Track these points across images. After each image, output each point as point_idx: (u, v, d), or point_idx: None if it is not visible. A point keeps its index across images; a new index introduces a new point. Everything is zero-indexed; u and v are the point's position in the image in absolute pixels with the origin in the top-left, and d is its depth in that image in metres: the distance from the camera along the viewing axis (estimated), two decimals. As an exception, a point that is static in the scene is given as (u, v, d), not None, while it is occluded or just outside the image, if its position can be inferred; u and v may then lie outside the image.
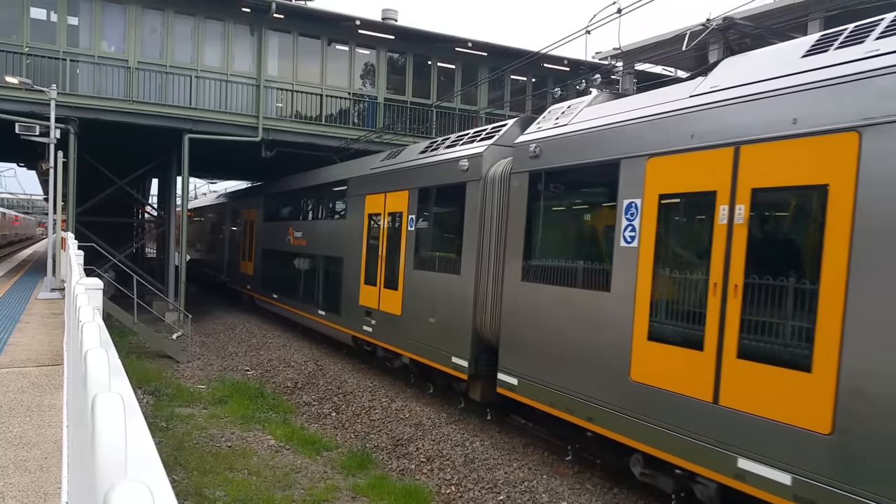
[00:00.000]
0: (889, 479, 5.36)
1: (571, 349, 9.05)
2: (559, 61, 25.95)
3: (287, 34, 23.11)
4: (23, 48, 19.69)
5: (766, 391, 6.42)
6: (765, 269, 6.57)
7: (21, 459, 5.33)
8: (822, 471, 5.87)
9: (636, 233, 8.05)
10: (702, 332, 7.05)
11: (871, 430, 5.49)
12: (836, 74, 6.13)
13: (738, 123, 6.90)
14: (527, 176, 10.24)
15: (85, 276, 8.30)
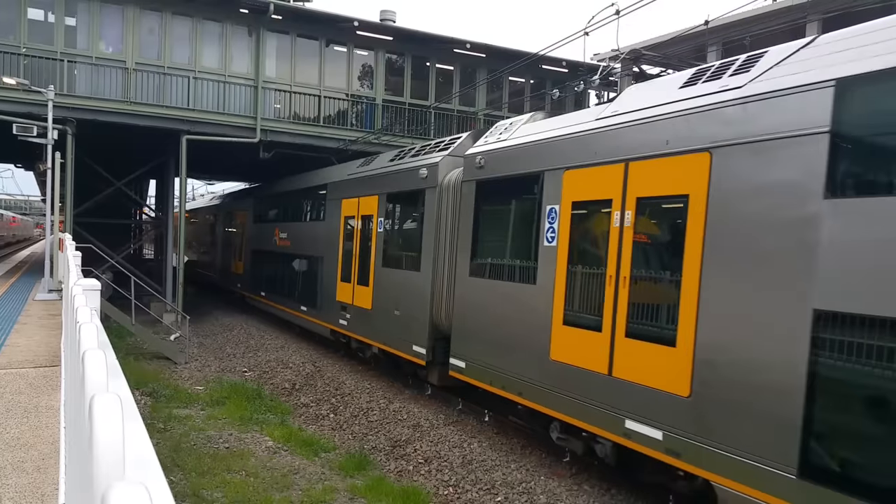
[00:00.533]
0: (729, 430, 6.74)
1: (506, 335, 10.45)
2: (557, 63, 25.97)
3: (285, 35, 23.10)
4: (20, 49, 19.66)
5: (645, 363, 7.81)
6: (645, 264, 8.06)
7: (18, 461, 5.32)
8: (684, 427, 7.24)
9: (555, 234, 9.52)
10: (601, 317, 8.51)
11: (716, 392, 6.93)
12: (697, 105, 7.52)
13: (628, 143, 8.32)
14: (474, 184, 11.70)
15: (83, 278, 8.30)
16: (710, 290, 7.02)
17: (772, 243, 6.50)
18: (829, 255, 5.97)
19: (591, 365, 8.60)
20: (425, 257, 13.23)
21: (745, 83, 7.13)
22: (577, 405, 8.82)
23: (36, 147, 18.70)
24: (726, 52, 20.12)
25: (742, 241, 6.80)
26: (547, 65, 25.75)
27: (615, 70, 23.38)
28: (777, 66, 6.95)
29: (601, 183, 8.71)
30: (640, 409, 7.79)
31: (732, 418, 6.72)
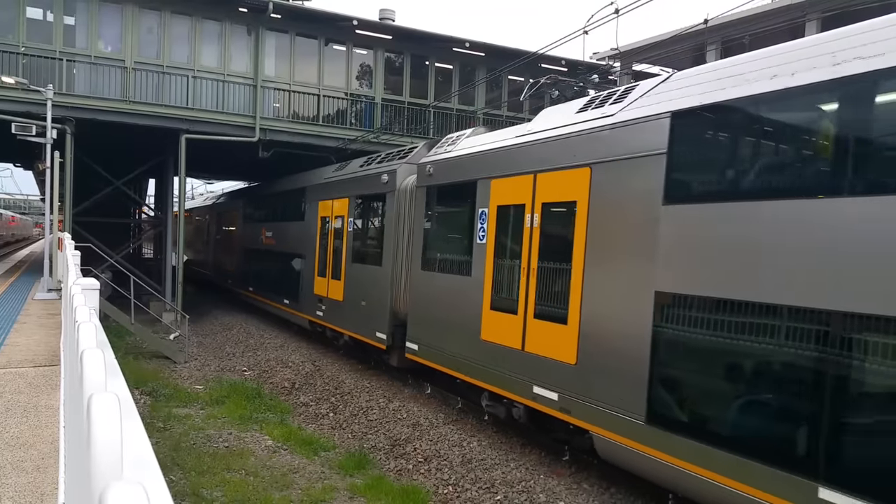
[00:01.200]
0: (601, 389, 8.43)
1: (449, 320, 12.08)
2: (557, 62, 25.94)
3: (284, 34, 23.09)
4: (19, 48, 19.66)
5: (546, 339, 9.50)
6: (547, 258, 9.70)
7: (18, 460, 5.32)
8: (572, 388, 8.95)
9: (485, 233, 11.21)
10: (517, 302, 10.17)
11: (593, 359, 8.65)
12: (582, 128, 9.19)
13: (536, 158, 10.03)
14: (425, 189, 13.35)
15: (82, 277, 8.29)
16: (590, 277, 8.77)
17: (629, 240, 8.19)
18: (665, 248, 7.63)
19: (510, 342, 10.31)
20: (386, 253, 14.94)
21: (617, 112, 8.75)
22: (500, 376, 10.54)
23: (35, 146, 18.68)
24: (725, 50, 20.11)
25: (611, 238, 8.54)
26: (546, 64, 25.73)
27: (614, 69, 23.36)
28: (640, 98, 8.54)
29: (518, 190, 10.42)
30: (543, 376, 9.53)
31: (604, 379, 8.44)
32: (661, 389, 7.60)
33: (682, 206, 7.56)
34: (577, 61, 25.25)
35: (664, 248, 7.61)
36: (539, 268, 9.76)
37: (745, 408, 6.87)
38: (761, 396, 6.78)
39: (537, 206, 9.89)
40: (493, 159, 11.23)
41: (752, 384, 6.88)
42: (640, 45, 24.10)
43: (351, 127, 23.92)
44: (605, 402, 8.32)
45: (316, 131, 23.24)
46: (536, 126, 10.47)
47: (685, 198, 7.62)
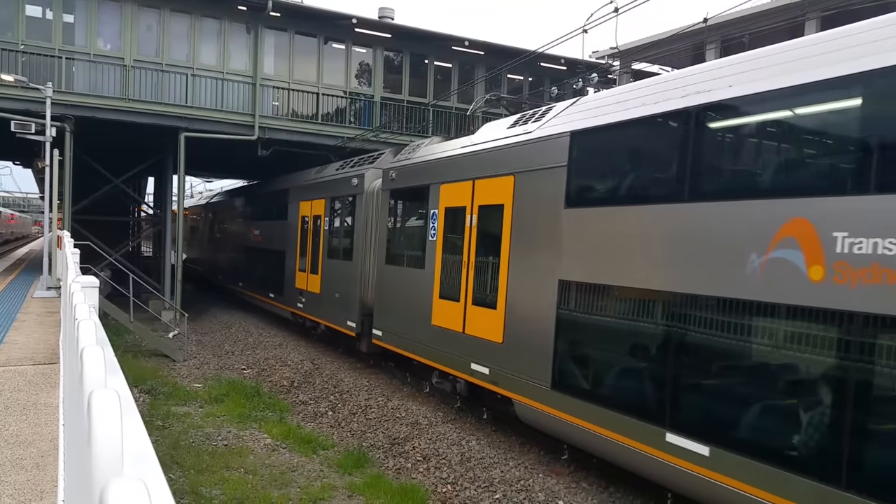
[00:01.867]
0: (520, 363, 9.98)
1: (406, 308, 13.60)
2: (556, 60, 25.95)
3: (283, 32, 23.08)
4: (18, 46, 19.64)
5: (481, 322, 11.00)
6: (482, 252, 11.24)
7: (17, 458, 5.32)
8: (499, 363, 10.52)
9: (435, 231, 12.72)
10: (459, 291, 11.73)
11: (515, 338, 10.21)
12: (508, 143, 10.78)
13: (475, 167, 11.65)
14: (388, 192, 14.92)
15: (81, 275, 8.29)
16: (513, 269, 10.33)
17: (541, 237, 9.73)
18: (565, 244, 9.26)
19: (454, 326, 11.82)
20: (356, 250, 16.55)
21: (535, 129, 10.29)
22: (447, 356, 12.06)
23: (34, 144, 18.66)
24: (725, 49, 20.11)
25: (528, 235, 10.08)
26: (545, 62, 25.73)
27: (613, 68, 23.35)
28: (554, 118, 10.08)
29: (461, 194, 11.96)
30: (478, 354, 11.04)
31: (522, 355, 10.02)
32: (561, 361, 9.28)
33: (577, 209, 9.26)
34: (577, 60, 25.24)
35: (565, 244, 9.31)
36: (476, 261, 11.40)
37: (619, 373, 8.68)
38: (630, 363, 8.49)
39: (475, 208, 11.51)
40: (442, 167, 12.90)
41: (625, 354, 8.62)
42: (640, 44, 24.10)
43: (350, 125, 23.91)
44: (523, 373, 9.96)
45: (315, 130, 23.23)
46: (478, 138, 12.09)
47: (579, 202, 9.28)
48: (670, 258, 7.66)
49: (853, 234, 5.86)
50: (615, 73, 25.86)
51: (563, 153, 9.38)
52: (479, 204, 11.36)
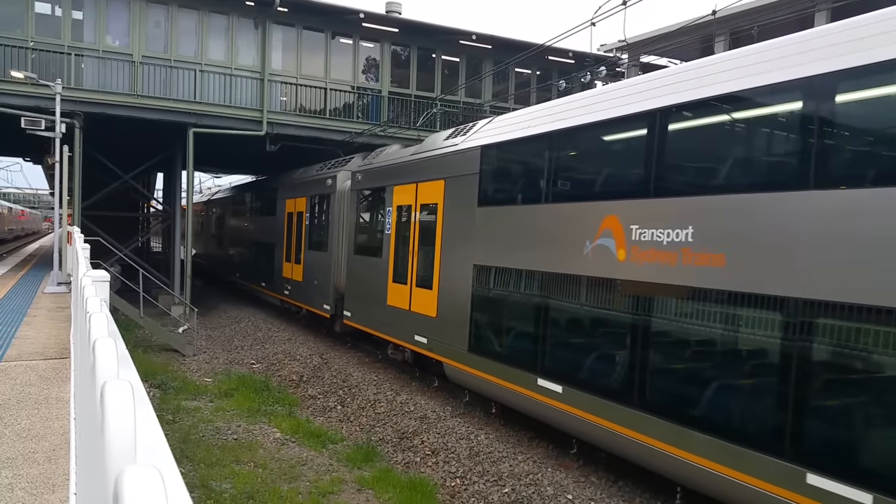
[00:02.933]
0: (448, 333, 12.21)
1: (368, 291, 15.86)
2: (564, 54, 25.88)
3: (291, 28, 23.09)
4: (28, 43, 19.72)
5: (422, 301, 13.31)
6: (423, 243, 13.54)
7: (29, 451, 5.36)
8: (433, 334, 12.83)
9: (389, 225, 15.08)
10: (406, 276, 14.06)
11: (445, 312, 12.44)
12: (441, 153, 13.15)
13: (419, 171, 14.05)
14: (356, 192, 17.45)
15: (92, 269, 8.33)
16: (444, 256, 12.68)
17: (462, 230, 12.10)
18: (478, 235, 11.61)
19: (403, 305, 14.11)
20: (330, 242, 18.79)
21: (460, 142, 12.65)
22: (398, 331, 14.38)
23: (44, 140, 18.77)
24: (734, 42, 19.99)
25: (454, 229, 12.36)
26: (553, 56, 25.66)
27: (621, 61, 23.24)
28: (475, 133, 12.46)
29: (408, 194, 14.30)
30: (420, 327, 13.36)
31: (449, 325, 12.28)
32: (475, 329, 11.63)
33: (485, 207, 11.63)
34: (585, 53, 25.18)
35: (478, 235, 11.66)
36: (419, 250, 13.73)
37: (510, 335, 11.02)
38: (517, 328, 10.82)
39: (418, 206, 13.89)
40: (395, 171, 15.29)
41: (513, 320, 10.96)
42: (648, 37, 23.98)
43: (357, 120, 23.91)
44: (449, 340, 12.30)
45: (323, 125, 23.25)
46: (422, 148, 14.54)
47: (486, 202, 11.64)
48: (540, 245, 10.13)
49: (641, 226, 8.20)
50: (623, 66, 25.75)
51: (476, 163, 11.87)
52: (420, 203, 13.83)
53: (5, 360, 8.56)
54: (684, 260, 7.57)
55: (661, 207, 8.02)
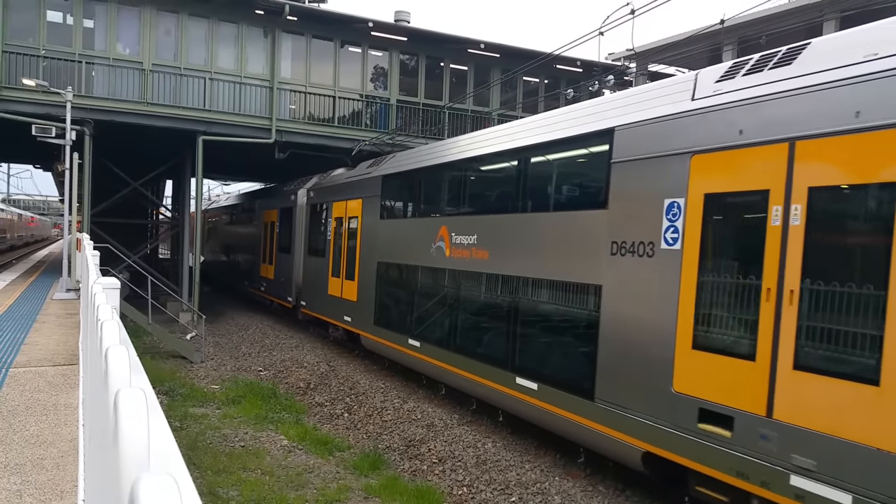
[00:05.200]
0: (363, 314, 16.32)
1: (316, 284, 20.12)
2: (572, 62, 25.89)
3: (300, 36, 23.20)
4: (39, 51, 19.88)
5: (348, 290, 17.12)
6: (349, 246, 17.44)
7: (38, 458, 5.38)
8: (355, 314, 16.85)
9: (330, 232, 19.22)
10: (340, 270, 17.98)
11: (361, 298, 16.50)
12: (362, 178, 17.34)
13: (347, 191, 18.23)
14: (309, 206, 21.86)
15: (101, 276, 8.36)
16: (362, 255, 16.67)
17: (373, 236, 16.22)
18: (380, 240, 15.73)
19: (337, 294, 18.11)
20: (293, 246, 22.84)
21: (373, 171, 16.93)
22: (334, 314, 18.38)
23: (54, 148, 18.89)
24: (742, 51, 19.98)
25: (368, 235, 16.51)
26: (561, 65, 25.68)
27: (630, 70, 23.25)
28: (383, 165, 16.62)
29: (341, 209, 18.47)
30: (347, 311, 17.37)
31: (362, 307, 16.36)
32: (378, 307, 15.78)
33: (385, 220, 16.13)
34: (593, 62, 25.18)
35: (380, 240, 15.97)
36: (347, 251, 17.76)
37: (396, 311, 15.06)
38: (400, 305, 14.98)
39: (347, 218, 17.95)
40: (334, 190, 19.58)
41: (398, 300, 15.08)
42: (656, 46, 23.98)
43: (366, 128, 23.97)
44: (362, 318, 16.41)
45: (331, 133, 23.33)
46: (353, 172, 18.75)
47: (385, 216, 16.16)
48: (410, 246, 14.47)
49: (456, 233, 12.56)
50: (632, 74, 25.75)
51: (378, 187, 16.36)
52: (349, 216, 17.91)
53: (14, 366, 8.60)
54: (472, 255, 12.01)
55: (464, 222, 12.61)
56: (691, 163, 7.55)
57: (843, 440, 5.87)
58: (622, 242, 8.46)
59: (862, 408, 5.78)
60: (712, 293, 7.25)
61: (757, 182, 6.82)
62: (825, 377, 6.10)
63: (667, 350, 7.59)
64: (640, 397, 8.00)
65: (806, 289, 6.27)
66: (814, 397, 6.17)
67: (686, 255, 7.50)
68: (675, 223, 7.68)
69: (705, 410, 7.12)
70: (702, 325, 7.29)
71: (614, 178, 8.74)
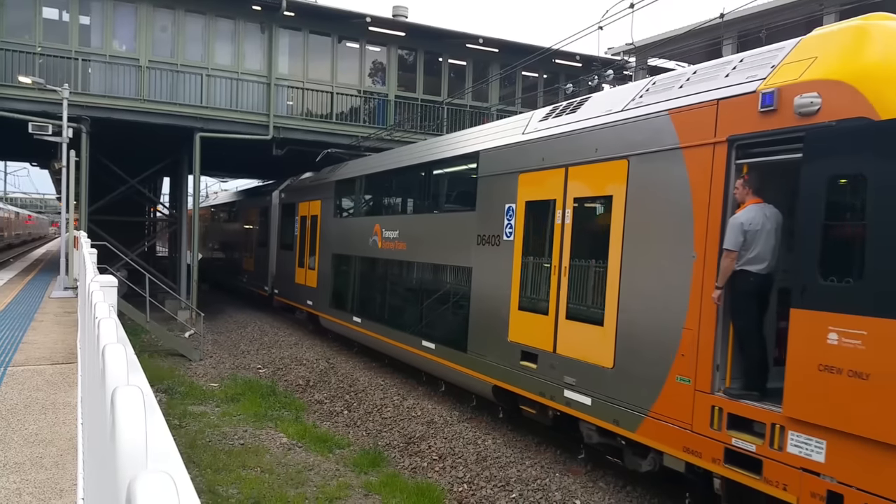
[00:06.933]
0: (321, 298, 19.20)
1: (286, 274, 22.81)
2: (571, 57, 25.86)
3: (297, 32, 23.13)
4: (35, 48, 19.80)
5: (310, 279, 20.24)
6: (313, 241, 20.17)
7: (37, 456, 5.35)
8: (315, 299, 19.75)
9: (297, 229, 21.77)
10: (304, 262, 20.92)
11: (320, 285, 19.41)
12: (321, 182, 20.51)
13: (311, 192, 21.07)
14: (281, 206, 24.27)
15: (99, 275, 8.32)
16: (320, 248, 19.36)
17: (329, 232, 19.02)
18: (334, 235, 18.69)
19: (302, 282, 20.90)
20: (269, 241, 25.64)
21: (331, 176, 19.53)
22: (300, 300, 21.11)
23: (51, 145, 18.82)
24: (742, 45, 19.92)
25: (326, 231, 19.22)
26: (560, 59, 25.64)
27: (629, 65, 23.18)
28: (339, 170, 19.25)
29: (305, 208, 21.21)
30: (309, 296, 20.15)
31: (322, 292, 19.09)
32: (333, 292, 18.38)
33: (337, 218, 18.85)
34: (592, 57, 25.15)
35: (335, 235, 18.60)
36: (309, 245, 20.43)
37: (347, 294, 17.54)
38: (348, 289, 17.46)
39: (310, 216, 20.56)
40: (300, 191, 22.13)
41: (347, 283, 17.54)
42: (656, 40, 23.93)
43: (364, 124, 23.91)
44: (320, 301, 19.17)
45: (329, 129, 23.28)
46: (316, 177, 21.32)
47: (337, 215, 18.88)
48: (354, 240, 17.09)
49: (386, 230, 15.31)
50: (631, 69, 25.70)
51: (332, 191, 19.11)
52: (311, 214, 20.43)
53: (13, 364, 8.56)
54: (396, 246, 14.86)
55: (391, 220, 15.54)
56: (519, 179, 10.48)
57: (587, 363, 8.77)
58: (483, 235, 11.34)
59: (596, 340, 8.62)
60: (529, 270, 10.15)
61: (550, 194, 9.67)
62: (579, 323, 9.00)
63: (505, 312, 10.47)
64: (491, 347, 10.88)
65: (571, 265, 9.18)
66: (574, 337, 9.07)
67: (516, 244, 10.44)
68: (511, 221, 10.61)
69: (524, 352, 9.99)
70: (523, 292, 10.21)
71: (479, 188, 11.64)
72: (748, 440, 6.54)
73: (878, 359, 5.37)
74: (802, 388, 5.98)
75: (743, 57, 7.48)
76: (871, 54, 6.09)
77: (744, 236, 6.72)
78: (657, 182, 7.86)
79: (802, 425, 6.00)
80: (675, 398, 7.37)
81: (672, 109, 7.76)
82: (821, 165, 6.02)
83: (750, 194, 6.83)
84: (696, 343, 7.16)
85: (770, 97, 6.51)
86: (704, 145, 7.22)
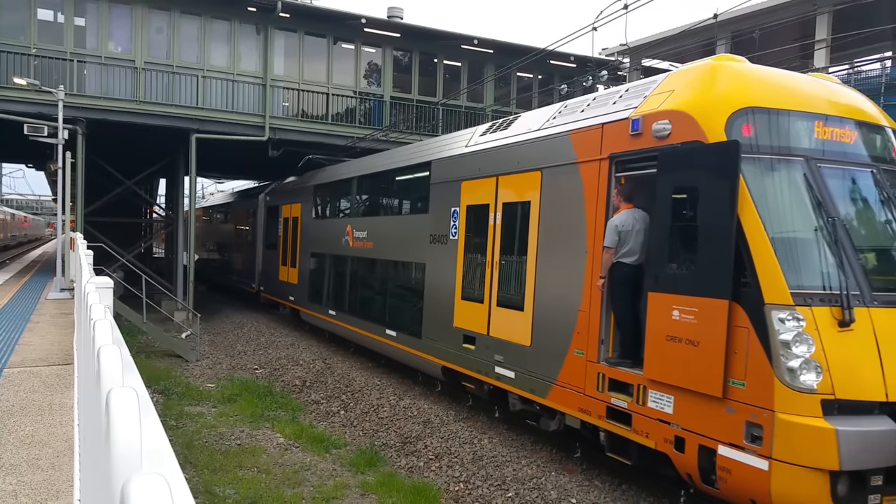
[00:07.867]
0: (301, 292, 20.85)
1: (270, 272, 24.38)
2: (566, 58, 25.89)
3: (293, 33, 23.14)
4: (30, 49, 19.78)
5: (292, 276, 21.57)
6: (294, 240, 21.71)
7: (33, 458, 5.37)
8: (296, 294, 21.26)
9: (281, 230, 23.30)
10: (287, 260, 22.28)
11: (301, 281, 20.85)
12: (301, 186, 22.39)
13: (292, 195, 22.75)
14: (266, 208, 25.90)
15: (95, 276, 8.34)
16: (301, 247, 20.95)
17: (308, 232, 20.69)
18: (313, 236, 20.51)
19: (285, 279, 22.20)
20: (255, 240, 26.94)
21: (311, 181, 21.16)
22: (283, 295, 22.56)
23: (47, 147, 18.80)
24: (735, 45, 19.99)
25: (306, 231, 20.90)
26: (555, 60, 25.67)
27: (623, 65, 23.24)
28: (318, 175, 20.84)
29: (287, 210, 22.66)
30: (291, 292, 21.54)
31: (302, 288, 20.70)
32: (310, 289, 20.02)
33: (315, 219, 20.39)
34: (587, 57, 25.16)
35: (312, 235, 20.15)
36: (291, 244, 21.75)
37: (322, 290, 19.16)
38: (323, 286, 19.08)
39: (292, 218, 22.00)
40: (284, 195, 23.75)
41: (323, 279, 19.08)
42: (650, 41, 23.99)
43: (360, 125, 23.93)
44: (301, 297, 20.60)
45: (325, 130, 23.29)
46: (298, 181, 22.62)
47: (316, 217, 20.40)
48: (331, 240, 18.28)
49: (356, 230, 16.90)
50: (625, 70, 25.75)
51: (312, 194, 20.65)
52: (293, 216, 21.88)
53: (9, 366, 8.57)
54: (364, 245, 16.26)
55: (360, 221, 17.06)
56: (461, 186, 11.95)
57: (512, 343, 10.21)
58: (435, 235, 12.79)
59: (518, 323, 10.05)
60: (470, 265, 11.56)
61: (485, 199, 11.15)
62: (506, 308, 10.42)
63: (451, 302, 11.91)
64: (440, 333, 12.29)
65: (501, 260, 10.64)
66: (503, 321, 10.48)
67: (459, 242, 11.92)
68: (455, 223, 12.07)
69: (466, 336, 11.39)
70: (465, 284, 11.62)
71: (432, 194, 13.09)
72: (622, 399, 8.02)
73: (703, 329, 6.83)
74: (656, 354, 7.46)
75: (629, 87, 8.91)
76: (709, 90, 7.51)
77: (619, 235, 8.19)
78: (562, 190, 9.32)
79: (657, 384, 7.48)
80: (573, 368, 8.87)
81: (572, 130, 9.25)
82: (668, 178, 7.49)
83: (623, 201, 8.36)
84: (587, 322, 8.66)
85: (637, 123, 7.97)
86: (594, 161, 8.69)
